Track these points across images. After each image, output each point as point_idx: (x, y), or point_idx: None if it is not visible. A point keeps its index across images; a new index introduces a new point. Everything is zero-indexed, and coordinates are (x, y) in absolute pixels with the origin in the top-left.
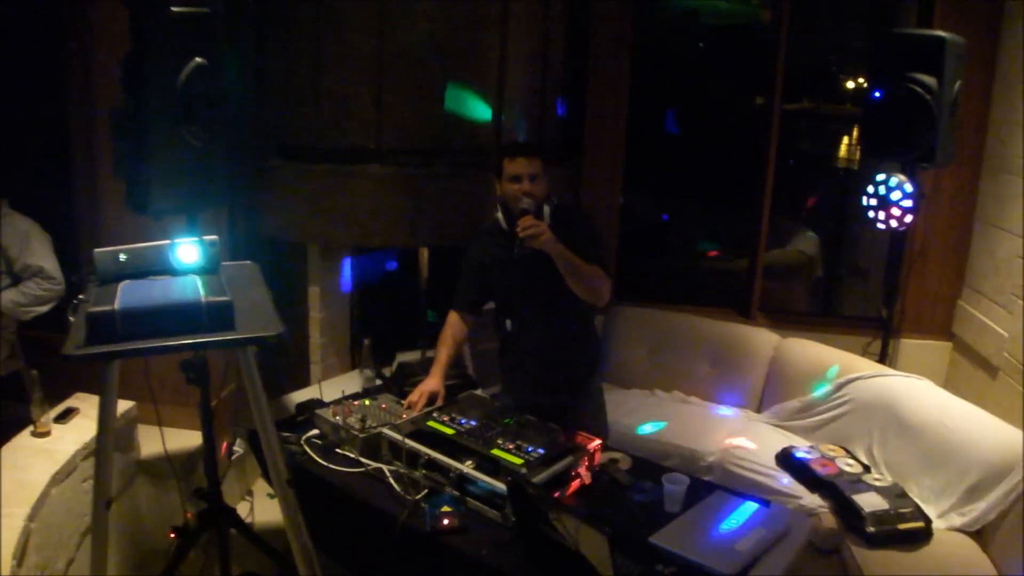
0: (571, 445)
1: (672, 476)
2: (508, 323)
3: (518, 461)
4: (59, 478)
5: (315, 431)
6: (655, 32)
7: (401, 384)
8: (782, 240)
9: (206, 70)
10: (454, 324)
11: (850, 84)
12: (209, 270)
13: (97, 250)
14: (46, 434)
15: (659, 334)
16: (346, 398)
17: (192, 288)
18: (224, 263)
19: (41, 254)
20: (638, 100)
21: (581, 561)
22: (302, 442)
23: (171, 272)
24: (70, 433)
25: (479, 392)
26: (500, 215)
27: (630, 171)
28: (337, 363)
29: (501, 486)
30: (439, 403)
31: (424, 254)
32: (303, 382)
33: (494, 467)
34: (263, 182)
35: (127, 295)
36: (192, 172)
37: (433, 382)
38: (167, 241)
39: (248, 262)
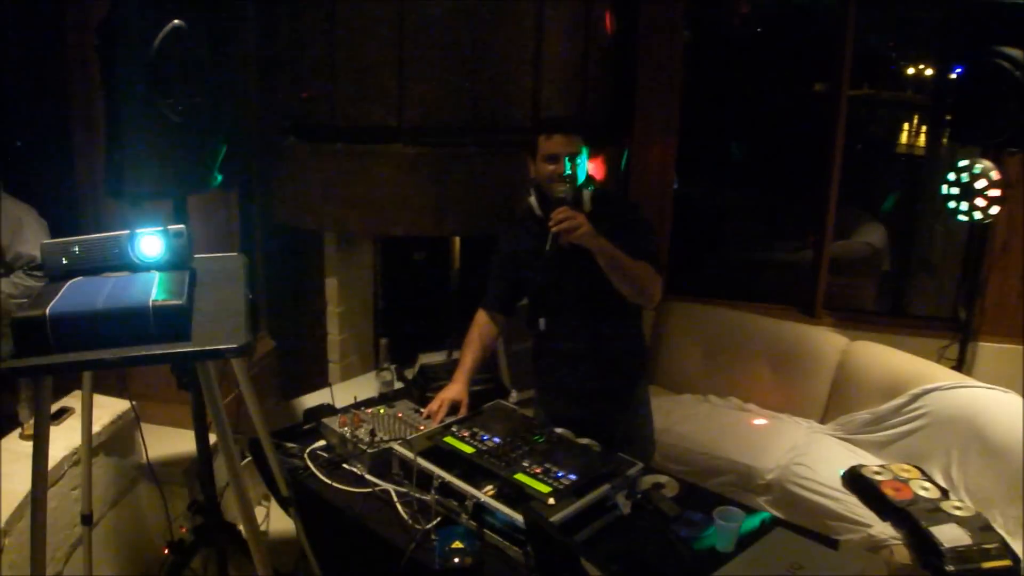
0: (608, 471)
1: (727, 512)
2: (542, 322)
3: (545, 489)
4: None
5: (322, 442)
6: (710, 8)
7: (423, 389)
8: (845, 231)
9: (183, 34)
10: (482, 325)
11: (910, 70)
12: (176, 265)
13: (45, 241)
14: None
15: (714, 334)
16: (357, 405)
17: (144, 288)
18: (208, 255)
19: (35, 242)
20: (693, 84)
21: None
22: (305, 455)
23: (130, 267)
24: (61, 437)
25: (508, 402)
26: (534, 200)
27: (685, 157)
28: (358, 362)
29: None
30: (462, 413)
31: (456, 244)
32: (321, 383)
33: (518, 494)
34: (276, 164)
35: (67, 297)
36: (171, 152)
37: (455, 389)
38: (126, 232)
39: (235, 254)
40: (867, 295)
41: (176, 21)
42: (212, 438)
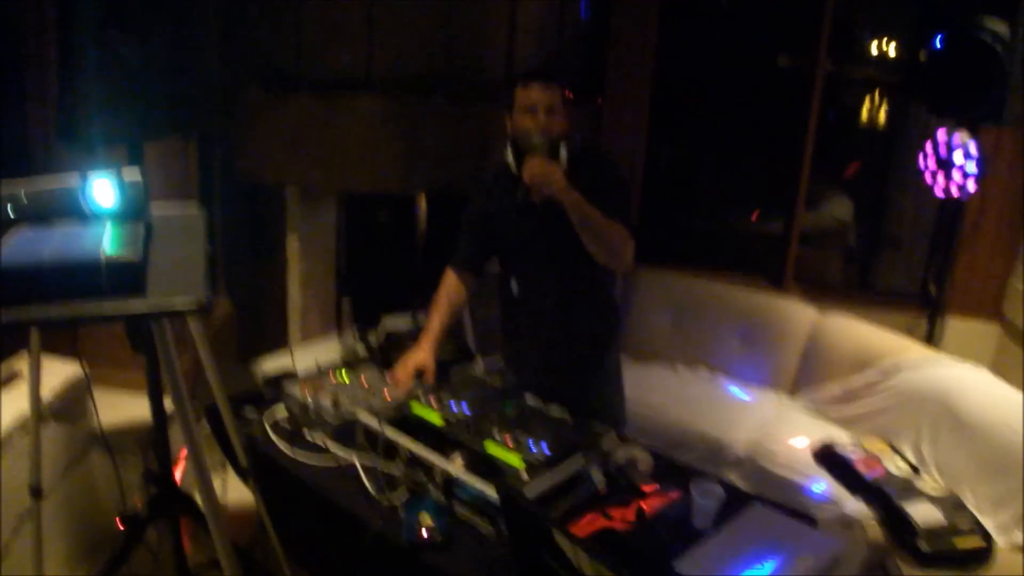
0: (580, 440)
1: (703, 486)
2: (513, 285)
3: (517, 461)
4: None
5: (282, 409)
6: None
7: (388, 354)
8: (812, 204)
9: None
10: (450, 286)
11: (875, 45)
12: (130, 215)
13: None
14: None
15: (684, 303)
16: (320, 371)
17: (96, 240)
18: (165, 205)
19: None
20: (668, 47)
21: None
22: (265, 423)
23: (81, 216)
24: (9, 403)
25: (473, 367)
26: (509, 155)
27: (657, 120)
28: (319, 323)
29: (495, 493)
30: (427, 379)
31: (423, 201)
32: (280, 344)
33: (488, 466)
34: (237, 114)
35: (12, 248)
36: (129, 94)
37: (421, 355)
38: (76, 177)
39: (193, 205)
40: (834, 268)
41: None
42: (168, 404)
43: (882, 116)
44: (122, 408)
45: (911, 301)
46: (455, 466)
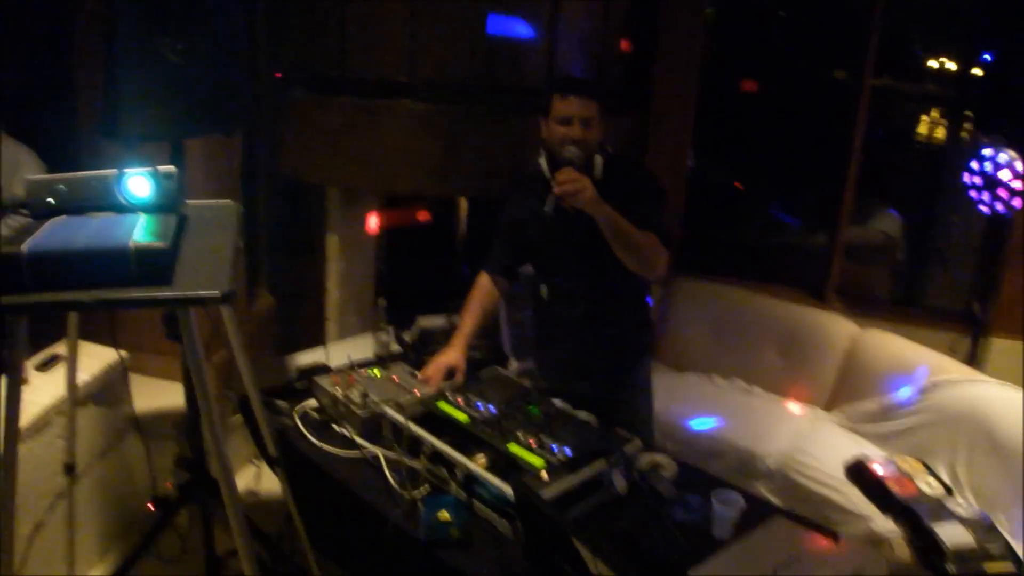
0: (605, 446)
1: (724, 495)
2: (544, 290)
3: (538, 463)
4: (27, 434)
5: (313, 402)
6: None
7: (421, 353)
8: (862, 219)
9: None
10: (483, 288)
11: (932, 62)
12: (164, 207)
13: (30, 177)
14: (23, 383)
15: (723, 313)
16: (352, 366)
17: (128, 230)
18: (201, 202)
19: None
20: (716, 59)
21: None
22: (295, 415)
23: (117, 208)
24: (50, 384)
25: (504, 369)
26: (543, 162)
27: (704, 132)
28: (357, 322)
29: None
30: (458, 379)
31: (463, 205)
32: (318, 341)
33: (510, 466)
34: (283, 115)
35: (48, 235)
36: (170, 92)
37: (452, 354)
38: (113, 171)
39: (229, 202)
40: (879, 283)
41: None
42: None
43: (936, 132)
44: (160, 395)
45: (956, 320)
46: (477, 464)
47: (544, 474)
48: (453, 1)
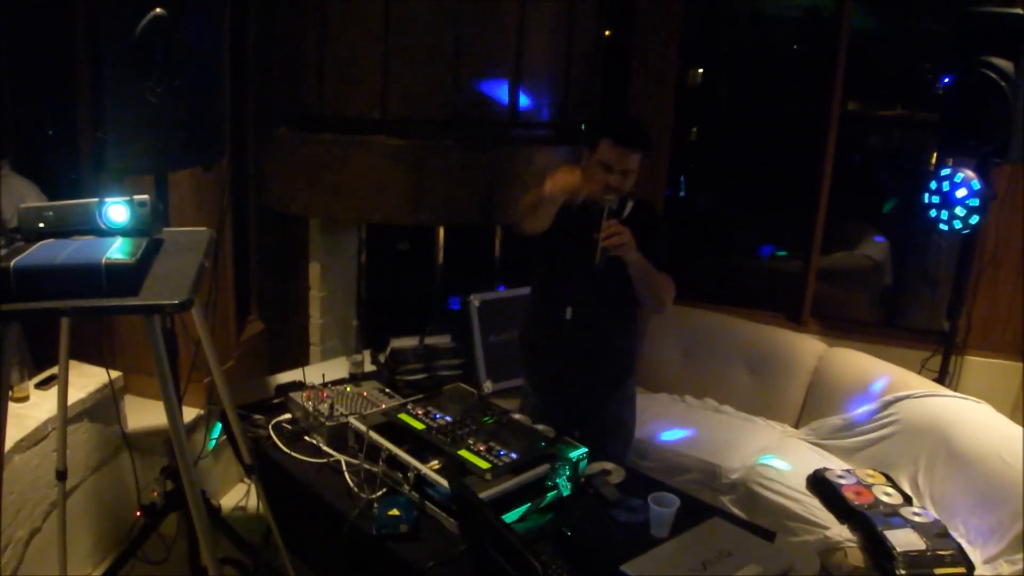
0: (549, 451)
1: (660, 496)
2: (568, 311)
3: (484, 465)
4: (24, 445)
5: (288, 415)
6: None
7: (392, 371)
8: (849, 243)
9: (165, 22)
10: None
11: (898, 88)
12: (139, 231)
13: (22, 206)
14: (24, 399)
15: (695, 335)
16: (327, 383)
17: (103, 249)
18: (179, 229)
19: None
20: (696, 92)
21: None
22: (269, 427)
23: (98, 232)
24: (48, 400)
25: (468, 386)
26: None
27: (685, 163)
28: (339, 345)
29: None
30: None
31: (440, 236)
32: (303, 364)
33: (460, 469)
34: (268, 152)
35: (34, 254)
36: (152, 130)
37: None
38: (95, 200)
39: (203, 229)
40: (863, 306)
41: (158, 10)
42: (193, 411)
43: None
44: (154, 414)
45: (931, 338)
46: (428, 468)
47: (488, 475)
48: (423, 43)
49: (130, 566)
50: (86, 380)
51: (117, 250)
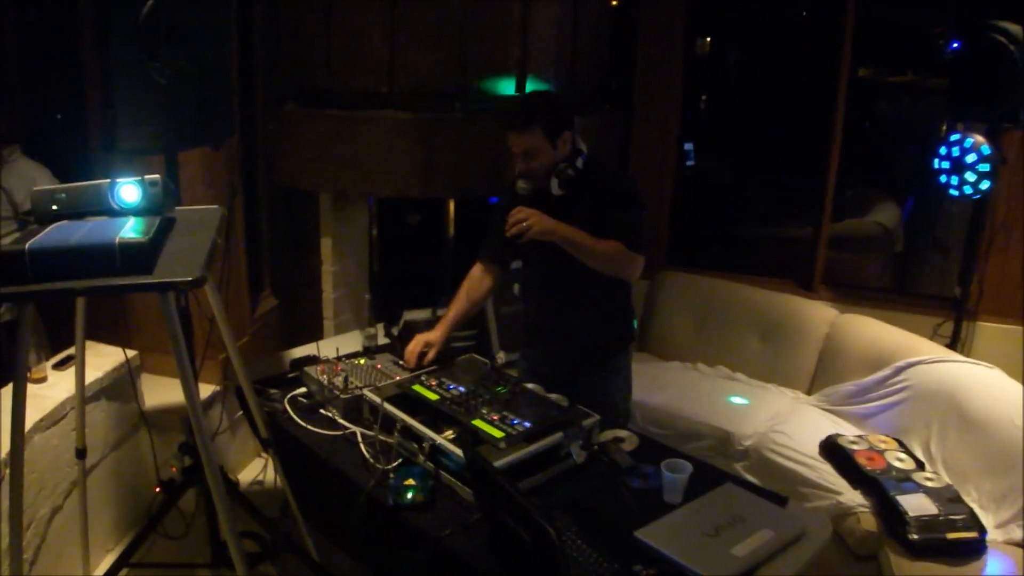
0: (563, 420)
1: (673, 462)
2: (533, 285)
3: (498, 434)
4: (44, 425)
5: (303, 389)
6: None
7: (405, 343)
8: (864, 210)
9: (171, 2)
10: (473, 278)
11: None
12: (151, 211)
13: (35, 188)
14: (42, 380)
15: (707, 304)
16: (341, 357)
17: (116, 229)
18: (191, 207)
19: None
20: (712, 55)
21: (540, 558)
22: (285, 400)
23: (110, 213)
24: (66, 380)
25: (481, 357)
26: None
27: (696, 131)
28: (352, 319)
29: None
30: (430, 356)
31: (451, 208)
32: (317, 338)
33: (475, 439)
34: (277, 128)
35: (48, 235)
36: (161, 111)
37: (432, 335)
38: (106, 181)
39: (215, 207)
40: (875, 273)
41: None
42: (210, 388)
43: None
44: (170, 392)
45: (943, 304)
46: (444, 438)
47: (502, 444)
48: (429, 15)
49: (151, 541)
50: (103, 360)
51: (130, 229)
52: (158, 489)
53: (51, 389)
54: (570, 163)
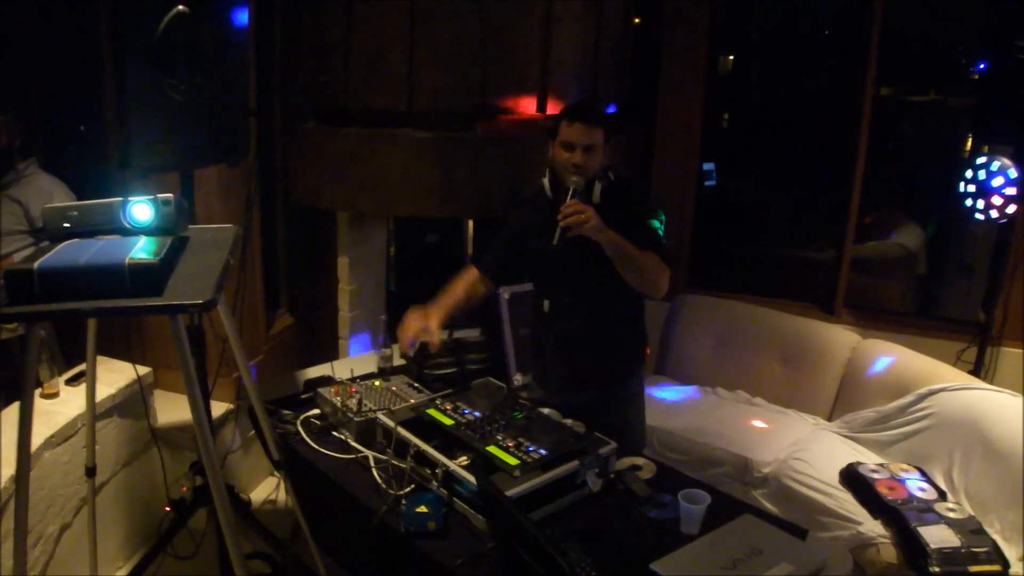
0: (579, 448)
1: (691, 493)
2: (546, 304)
3: (513, 461)
4: (54, 441)
5: (317, 411)
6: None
7: (420, 365)
8: (883, 232)
9: (188, 19)
10: (470, 280)
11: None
12: (163, 230)
13: (46, 206)
14: (54, 395)
15: (727, 327)
16: (355, 378)
17: (127, 249)
18: (205, 226)
19: None
20: (734, 74)
21: None
22: (298, 422)
23: (122, 231)
24: (78, 396)
25: (498, 381)
26: (546, 181)
27: (718, 150)
28: (369, 339)
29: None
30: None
31: (469, 228)
32: (333, 358)
33: (489, 466)
34: (295, 146)
35: (58, 254)
36: (176, 128)
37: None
38: (119, 199)
39: (230, 226)
40: (897, 296)
41: (180, 7)
42: (223, 406)
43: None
44: (183, 409)
45: (966, 329)
46: (454, 463)
47: (516, 472)
48: (449, 35)
49: (160, 561)
50: (116, 376)
51: (141, 249)
52: (168, 508)
53: (63, 405)
54: (606, 174)
